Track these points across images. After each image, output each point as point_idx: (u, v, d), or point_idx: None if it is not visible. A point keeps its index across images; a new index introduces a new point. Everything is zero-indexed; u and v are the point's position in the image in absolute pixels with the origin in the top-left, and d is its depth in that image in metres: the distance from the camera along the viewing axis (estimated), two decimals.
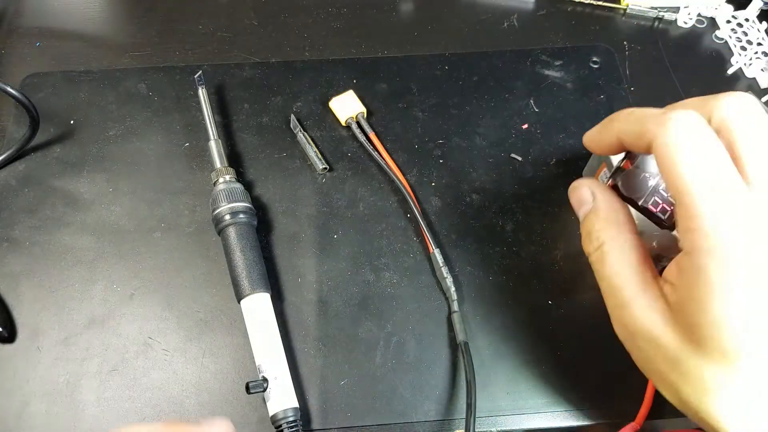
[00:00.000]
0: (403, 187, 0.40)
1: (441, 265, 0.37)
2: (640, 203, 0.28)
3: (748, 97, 0.24)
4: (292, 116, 0.43)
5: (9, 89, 0.38)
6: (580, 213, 0.29)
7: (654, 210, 0.28)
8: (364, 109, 0.43)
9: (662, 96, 0.45)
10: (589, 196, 0.29)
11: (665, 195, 0.28)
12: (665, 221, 0.28)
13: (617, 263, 0.26)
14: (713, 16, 0.49)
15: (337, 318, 0.36)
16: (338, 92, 0.44)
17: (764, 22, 0.47)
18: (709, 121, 0.24)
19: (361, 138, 0.42)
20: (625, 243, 0.27)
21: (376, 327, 0.36)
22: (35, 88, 0.44)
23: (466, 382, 0.33)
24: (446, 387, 0.35)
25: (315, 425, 0.33)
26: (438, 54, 0.47)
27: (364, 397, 0.34)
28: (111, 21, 0.49)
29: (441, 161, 0.42)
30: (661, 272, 0.26)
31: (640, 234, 0.28)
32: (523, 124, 0.44)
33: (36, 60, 0.46)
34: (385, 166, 0.40)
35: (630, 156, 0.29)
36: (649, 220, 0.29)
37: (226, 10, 0.50)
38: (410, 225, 0.40)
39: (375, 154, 0.41)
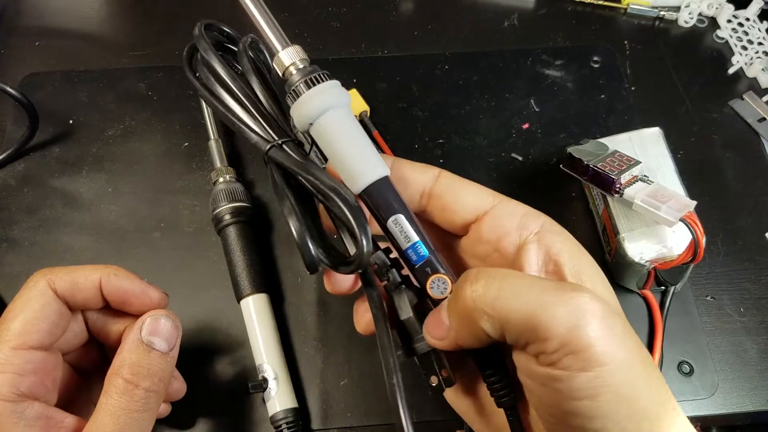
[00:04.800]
0: None
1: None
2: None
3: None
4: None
5: (8, 89, 0.38)
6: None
7: (602, 170, 0.34)
8: (367, 108, 0.43)
9: (663, 95, 0.45)
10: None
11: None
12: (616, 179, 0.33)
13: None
14: (714, 16, 0.49)
15: (337, 318, 0.36)
16: None
17: (765, 22, 0.47)
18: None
19: None
20: None
21: None
22: (35, 87, 0.44)
23: None
24: None
25: (315, 425, 0.33)
26: (438, 54, 0.47)
27: (364, 397, 0.34)
28: (111, 20, 0.49)
29: (441, 161, 0.42)
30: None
31: None
32: (524, 124, 0.44)
33: (36, 60, 0.46)
34: None
35: None
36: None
37: (226, 10, 0.50)
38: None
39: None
